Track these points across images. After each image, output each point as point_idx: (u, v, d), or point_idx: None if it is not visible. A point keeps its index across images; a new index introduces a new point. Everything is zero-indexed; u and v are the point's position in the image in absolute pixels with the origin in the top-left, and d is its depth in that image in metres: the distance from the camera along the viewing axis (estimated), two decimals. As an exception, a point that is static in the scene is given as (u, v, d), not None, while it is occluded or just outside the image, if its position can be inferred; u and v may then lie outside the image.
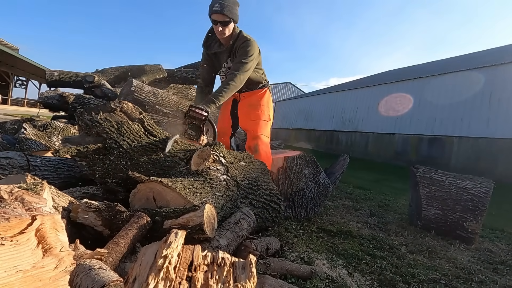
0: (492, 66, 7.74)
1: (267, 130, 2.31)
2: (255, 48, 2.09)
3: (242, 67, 2.01)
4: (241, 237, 1.30)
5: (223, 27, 1.99)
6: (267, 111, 2.33)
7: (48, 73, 4.45)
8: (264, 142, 2.24)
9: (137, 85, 3.37)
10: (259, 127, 2.26)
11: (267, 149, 2.24)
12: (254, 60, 2.08)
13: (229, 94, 1.98)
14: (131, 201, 1.32)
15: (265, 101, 2.36)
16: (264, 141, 2.24)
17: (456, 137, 8.31)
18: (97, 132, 1.59)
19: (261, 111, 2.30)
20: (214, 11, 1.94)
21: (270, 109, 2.37)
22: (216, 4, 1.93)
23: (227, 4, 1.94)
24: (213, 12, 1.95)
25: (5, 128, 3.13)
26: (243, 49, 2.05)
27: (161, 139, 1.73)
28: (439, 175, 2.41)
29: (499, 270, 1.76)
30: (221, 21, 1.97)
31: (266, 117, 2.31)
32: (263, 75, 2.36)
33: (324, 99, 15.74)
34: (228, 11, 1.94)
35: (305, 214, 2.24)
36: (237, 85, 2.00)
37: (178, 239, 0.43)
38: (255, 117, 2.29)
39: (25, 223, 0.52)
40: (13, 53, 15.12)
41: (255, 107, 2.31)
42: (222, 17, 1.96)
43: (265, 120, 2.30)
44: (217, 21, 1.98)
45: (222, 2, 1.93)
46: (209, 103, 1.89)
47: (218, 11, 1.93)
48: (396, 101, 10.44)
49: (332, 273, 1.38)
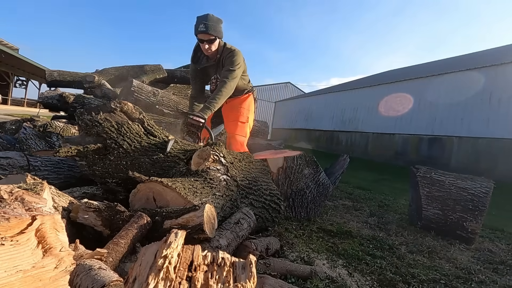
0: (492, 66, 7.75)
1: (244, 131, 2.50)
2: (240, 57, 2.28)
3: (230, 74, 2.20)
4: (241, 237, 1.30)
5: (209, 44, 2.19)
6: (246, 113, 2.51)
7: (48, 73, 4.45)
8: (239, 141, 2.44)
9: (137, 85, 3.37)
10: (235, 127, 2.46)
11: (241, 147, 2.43)
12: (240, 68, 2.28)
13: (222, 100, 2.18)
14: (131, 201, 1.32)
15: (246, 104, 2.56)
16: (239, 140, 2.44)
17: (456, 137, 8.31)
18: (97, 132, 1.59)
19: (239, 113, 2.49)
20: (200, 31, 2.12)
21: (250, 112, 2.56)
22: (201, 25, 2.11)
23: (211, 24, 2.11)
24: (199, 32, 2.13)
25: (5, 128, 3.13)
26: (229, 59, 2.24)
27: (161, 140, 1.73)
28: (439, 175, 2.41)
29: (499, 270, 1.76)
30: (207, 40, 2.16)
31: (244, 118, 2.50)
32: (248, 83, 2.57)
33: (324, 99, 15.74)
34: (212, 30, 2.12)
35: (305, 214, 2.24)
36: (228, 91, 2.20)
37: (178, 239, 0.43)
38: (233, 118, 2.51)
39: (25, 223, 0.52)
40: (13, 53, 15.11)
41: (236, 109, 2.52)
42: (208, 36, 2.14)
43: (242, 122, 2.49)
44: (203, 40, 2.17)
45: (206, 23, 2.10)
46: (205, 110, 2.08)
47: (204, 31, 2.11)
48: (396, 101, 10.44)
49: (332, 273, 1.38)
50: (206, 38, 2.14)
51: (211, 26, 2.10)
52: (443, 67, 10.63)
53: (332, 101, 14.75)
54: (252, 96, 2.62)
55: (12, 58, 15.67)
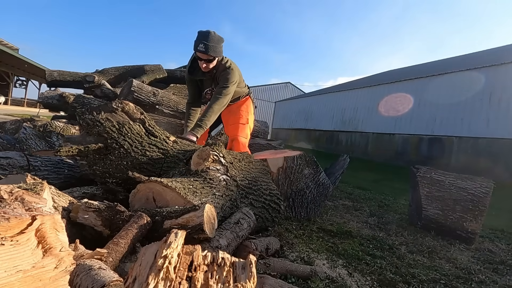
0: (492, 66, 7.74)
1: (245, 132, 2.50)
2: (235, 75, 2.30)
3: (224, 91, 2.23)
4: (241, 237, 1.30)
5: (207, 63, 2.20)
6: (245, 115, 2.52)
7: (48, 73, 4.45)
8: (241, 143, 2.43)
9: (137, 85, 3.37)
10: (237, 129, 2.46)
11: (243, 149, 2.41)
12: (234, 84, 2.31)
13: (214, 117, 2.22)
14: (131, 201, 1.32)
15: (245, 107, 2.58)
16: (241, 141, 2.44)
17: (456, 137, 8.31)
18: (98, 132, 1.59)
19: (239, 116, 2.50)
20: (199, 50, 2.12)
21: (249, 114, 2.57)
22: (200, 45, 2.09)
23: (211, 45, 2.10)
24: (198, 51, 2.13)
25: (5, 128, 3.13)
26: (224, 77, 2.26)
27: (162, 140, 1.73)
28: (439, 175, 2.41)
29: (499, 270, 1.76)
30: (205, 59, 2.17)
31: (244, 120, 2.50)
32: (244, 88, 2.60)
33: (324, 99, 15.74)
34: (212, 51, 2.12)
35: (305, 214, 2.24)
36: (220, 108, 2.24)
37: (178, 239, 0.43)
38: (233, 121, 2.52)
39: (25, 223, 0.52)
40: (13, 53, 15.11)
41: (235, 112, 2.54)
42: (207, 57, 2.15)
43: (243, 123, 2.50)
44: (201, 59, 2.17)
45: (206, 43, 2.09)
46: (196, 129, 2.13)
47: (203, 52, 2.11)
48: (396, 101, 10.44)
49: (332, 273, 1.38)
50: (204, 57, 2.16)
51: (210, 47, 2.10)
52: (443, 67, 10.63)
53: (332, 101, 14.74)
54: (250, 99, 2.63)
55: (12, 58, 15.67)
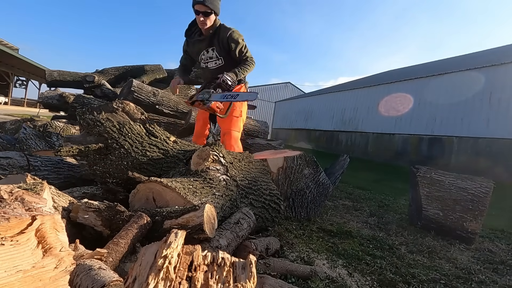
0: (492, 66, 7.74)
1: (238, 126, 2.44)
2: (240, 34, 2.30)
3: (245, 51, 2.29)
4: (241, 237, 1.30)
5: (204, 17, 2.17)
6: (239, 107, 2.43)
7: (48, 73, 4.45)
8: (233, 137, 2.39)
9: (137, 85, 3.37)
10: (230, 123, 2.39)
11: (235, 143, 2.40)
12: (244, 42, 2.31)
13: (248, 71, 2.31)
14: (131, 201, 1.32)
15: None
16: (234, 136, 2.40)
17: (456, 137, 8.31)
18: (98, 132, 1.59)
19: (233, 108, 2.40)
20: (197, 1, 2.11)
21: (243, 105, 2.49)
22: None
23: None
24: (196, 3, 2.12)
25: (5, 128, 3.13)
26: (232, 39, 2.25)
27: (162, 140, 1.73)
28: (439, 175, 2.41)
29: (499, 270, 1.76)
30: (203, 12, 2.14)
31: (237, 113, 2.42)
32: None
33: (324, 99, 15.73)
34: (209, 3, 2.11)
35: (305, 214, 2.24)
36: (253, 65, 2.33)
37: (178, 239, 0.43)
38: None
39: (25, 223, 0.52)
40: (13, 53, 15.12)
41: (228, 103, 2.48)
42: (204, 8, 2.12)
43: (236, 116, 2.41)
44: (199, 11, 2.15)
45: None
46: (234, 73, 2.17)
47: (201, 2, 2.10)
48: (396, 101, 10.43)
49: (332, 273, 1.38)
50: (202, 9, 2.13)
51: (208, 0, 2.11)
52: (443, 67, 10.63)
53: (332, 101, 14.74)
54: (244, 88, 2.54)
55: (12, 58, 15.68)
